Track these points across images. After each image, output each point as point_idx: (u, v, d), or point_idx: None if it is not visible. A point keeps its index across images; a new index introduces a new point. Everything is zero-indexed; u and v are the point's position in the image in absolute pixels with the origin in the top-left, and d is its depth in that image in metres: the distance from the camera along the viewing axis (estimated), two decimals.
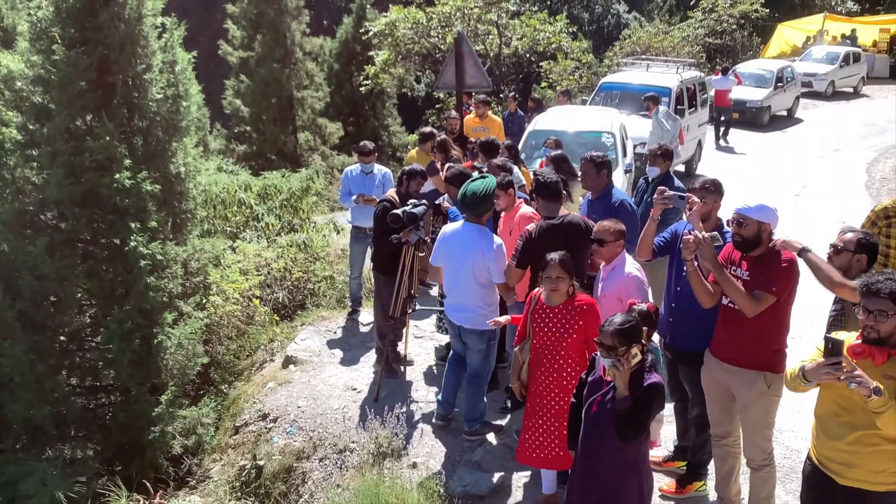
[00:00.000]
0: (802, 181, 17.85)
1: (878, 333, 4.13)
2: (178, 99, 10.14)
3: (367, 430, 7.37)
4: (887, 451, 4.22)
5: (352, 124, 31.01)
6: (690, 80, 17.99)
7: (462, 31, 17.16)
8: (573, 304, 5.81)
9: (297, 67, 27.51)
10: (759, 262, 5.33)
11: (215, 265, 10.85)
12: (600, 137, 12.93)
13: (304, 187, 13.84)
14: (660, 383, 4.75)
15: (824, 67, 29.83)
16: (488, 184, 6.88)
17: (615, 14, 55.45)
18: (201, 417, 9.10)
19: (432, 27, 24.33)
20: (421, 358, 9.10)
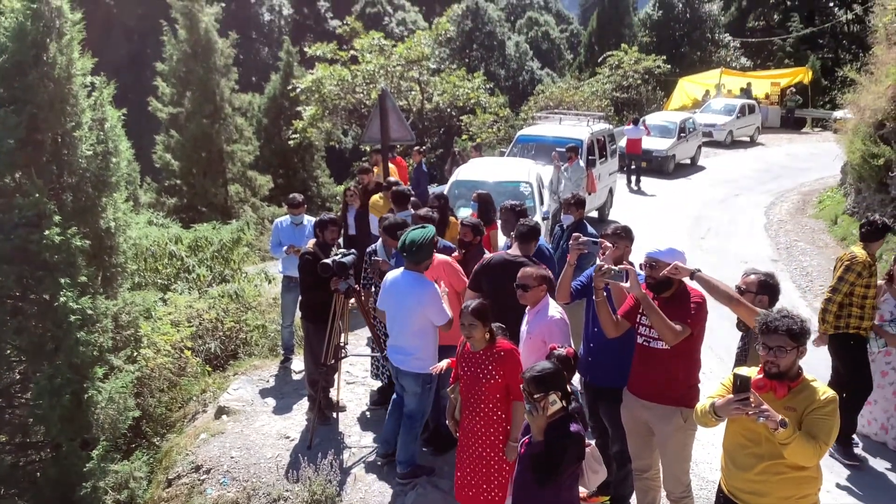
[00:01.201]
0: (707, 224, 18.30)
1: (778, 368, 4.23)
2: (108, 155, 9.93)
3: (300, 478, 7.20)
4: (793, 478, 4.29)
5: (281, 176, 30.88)
6: (600, 132, 18.32)
7: (386, 87, 17.28)
8: (492, 350, 5.77)
9: (227, 122, 27.31)
10: (670, 301, 5.44)
11: (146, 318, 10.55)
12: (518, 187, 13.10)
13: (234, 238, 13.62)
14: (578, 433, 4.67)
15: (723, 118, 30.77)
16: (427, 233, 6.85)
17: (529, 70, 56.61)
18: (133, 471, 8.76)
19: (357, 84, 24.51)
20: (354, 403, 8.96)
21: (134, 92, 29.69)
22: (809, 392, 4.23)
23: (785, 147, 30.66)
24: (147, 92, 28.93)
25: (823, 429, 4.12)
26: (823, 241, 16.95)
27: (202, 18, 26.61)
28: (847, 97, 19.68)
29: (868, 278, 7.30)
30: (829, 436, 4.14)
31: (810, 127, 36.33)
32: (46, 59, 9.31)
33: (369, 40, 25.79)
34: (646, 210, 19.55)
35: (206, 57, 26.56)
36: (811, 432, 4.10)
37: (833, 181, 21.49)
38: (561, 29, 71.43)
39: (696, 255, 15.02)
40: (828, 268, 14.80)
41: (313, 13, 65.60)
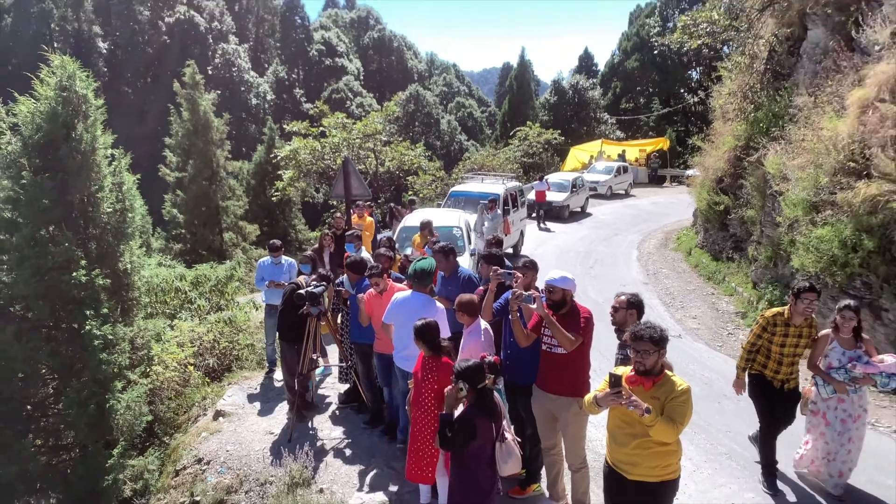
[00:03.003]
0: (594, 257, 18.53)
1: (644, 366, 4.33)
2: (125, 211, 9.72)
3: (282, 465, 7.03)
4: (659, 451, 4.36)
5: (266, 225, 30.48)
6: (513, 188, 18.55)
7: (348, 155, 17.24)
8: (434, 360, 5.74)
9: (222, 184, 26.96)
10: (566, 316, 5.52)
11: (157, 340, 10.25)
12: (452, 230, 13.17)
13: (228, 275, 13.35)
14: (467, 415, 4.71)
15: (604, 177, 31.43)
16: (431, 263, 6.90)
17: (458, 142, 57.29)
18: (147, 465, 8.44)
19: (325, 153, 24.37)
20: (324, 405, 8.79)
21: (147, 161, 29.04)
22: (670, 385, 4.31)
23: (651, 198, 31.37)
24: (157, 160, 28.44)
25: (679, 413, 4.21)
26: (681, 268, 17.32)
27: (202, 103, 26.32)
28: (695, 159, 20.34)
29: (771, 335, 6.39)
30: (684, 419, 4.22)
31: (669, 182, 37.26)
32: (74, 136, 9.13)
33: (335, 119, 25.76)
34: (548, 247, 19.74)
35: (205, 132, 26.26)
36: (671, 416, 4.20)
37: (687, 223, 22.06)
38: (482, 110, 72.51)
39: (586, 280, 15.22)
40: (685, 288, 15.20)
41: (291, 98, 65.40)
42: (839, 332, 6.31)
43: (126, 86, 54.10)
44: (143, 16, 58.79)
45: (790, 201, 10.98)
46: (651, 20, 49.68)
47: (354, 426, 8.10)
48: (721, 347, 11.25)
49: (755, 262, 13.72)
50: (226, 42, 62.25)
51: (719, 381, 9.59)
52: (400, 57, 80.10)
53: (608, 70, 52.82)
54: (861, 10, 10.88)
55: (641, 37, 48.92)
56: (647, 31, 48.54)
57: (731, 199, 15.66)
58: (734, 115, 16.13)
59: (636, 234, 22.09)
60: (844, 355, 6.29)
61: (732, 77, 17.30)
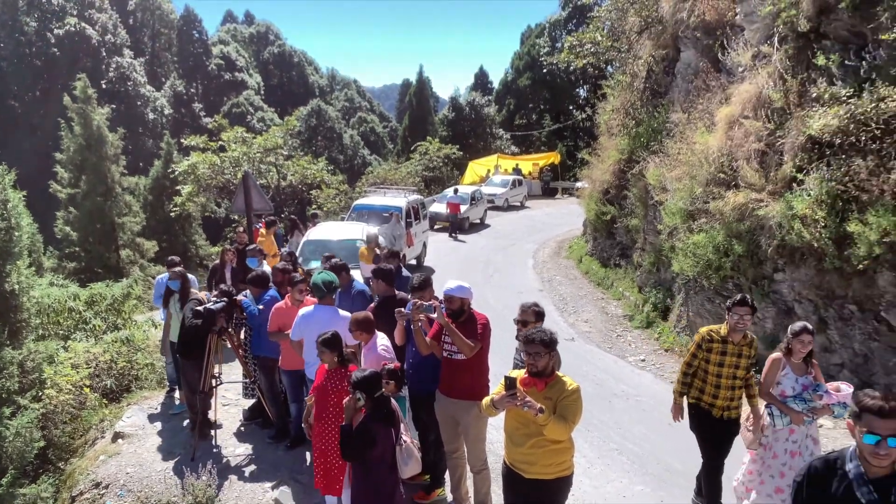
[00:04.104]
0: (493, 265, 18.85)
1: (536, 368, 4.40)
2: (10, 230, 9.09)
3: (185, 485, 6.73)
4: (554, 449, 4.45)
5: (165, 241, 29.18)
6: (415, 200, 18.58)
7: (248, 170, 16.81)
8: (340, 370, 5.67)
9: (117, 200, 25.66)
10: (464, 324, 5.60)
11: (49, 363, 9.60)
12: (355, 243, 13.05)
13: (125, 293, 12.67)
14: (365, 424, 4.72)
15: (500, 189, 31.90)
16: (333, 276, 6.84)
17: (361, 156, 57.10)
18: (40, 493, 7.88)
19: (225, 167, 23.66)
20: (228, 421, 8.44)
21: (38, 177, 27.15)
22: (560, 385, 4.41)
23: (544, 209, 32.18)
24: (49, 176, 26.63)
25: (571, 411, 4.31)
26: (573, 275, 17.90)
27: (94, 117, 24.97)
28: (584, 172, 21.15)
29: (707, 353, 5.71)
30: (575, 416, 4.33)
31: (561, 194, 38.34)
32: None
33: (234, 133, 25.05)
34: (450, 258, 19.91)
35: (98, 147, 24.91)
36: (563, 415, 4.29)
37: (578, 232, 22.74)
38: (383, 125, 72.63)
39: (486, 287, 15.49)
40: (577, 294, 15.76)
41: (189, 112, 62.96)
42: (791, 357, 5.54)
43: (13, 99, 50.37)
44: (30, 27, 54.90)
45: (669, 210, 11.59)
46: (541, 40, 51.35)
47: (259, 441, 7.87)
48: (611, 349, 11.73)
49: (640, 267, 14.42)
50: (120, 55, 59.16)
51: (610, 381, 10.00)
52: (301, 72, 78.91)
53: (502, 87, 54.09)
54: (726, 34, 11.73)
55: (532, 56, 50.43)
56: (537, 50, 50.09)
57: (616, 209, 16.31)
58: (618, 130, 16.88)
59: (531, 244, 22.57)
60: (798, 382, 5.55)
61: (615, 94, 18.12)
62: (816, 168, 8.53)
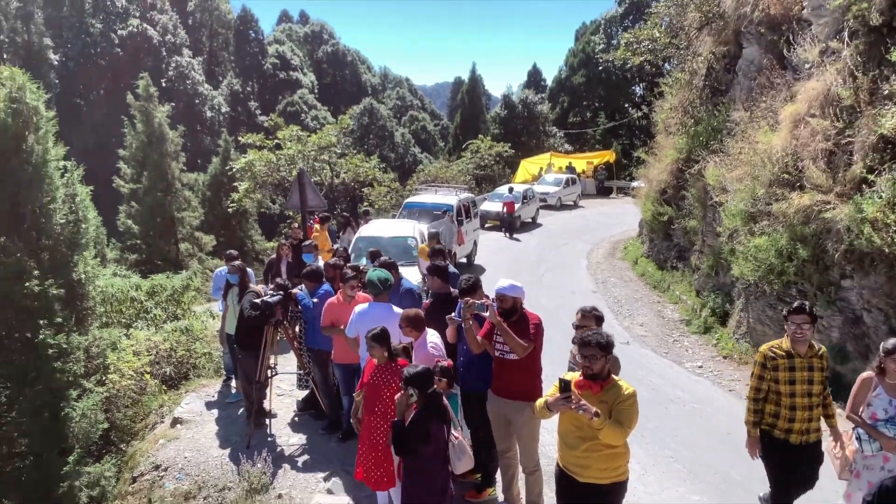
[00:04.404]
0: (545, 265, 18.78)
1: (592, 371, 4.34)
2: (78, 222, 9.55)
3: (241, 471, 6.96)
4: (608, 454, 4.40)
5: (222, 236, 30.04)
6: (466, 198, 18.72)
7: (303, 167, 17.17)
8: (390, 366, 5.74)
9: (177, 195, 26.58)
10: (516, 323, 5.59)
11: (113, 349, 10.04)
12: (406, 240, 13.23)
13: (185, 285, 13.15)
14: (420, 420, 4.78)
15: (553, 188, 31.71)
16: (388, 274, 6.89)
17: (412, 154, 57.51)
18: (104, 472, 8.27)
19: (281, 165, 24.18)
20: (283, 411, 8.70)
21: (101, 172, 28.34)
22: (616, 389, 4.35)
23: (598, 208, 31.84)
24: (112, 172, 27.78)
25: (626, 417, 4.26)
26: (628, 277, 17.69)
27: (156, 115, 25.93)
28: (640, 172, 20.82)
29: (774, 371, 5.20)
30: (632, 422, 4.28)
31: (616, 194, 37.87)
32: (25, 148, 8.93)
33: (290, 132, 25.62)
34: (500, 256, 19.89)
35: (159, 144, 25.87)
36: (618, 419, 4.24)
37: (633, 233, 22.42)
38: (434, 123, 72.96)
39: (538, 288, 15.45)
40: (632, 297, 15.56)
41: (246, 111, 64.61)
42: (885, 377, 5.02)
43: (78, 97, 52.64)
44: (96, 28, 57.32)
45: (729, 212, 11.33)
46: (596, 37, 50.79)
47: (313, 432, 8.07)
48: (667, 354, 11.55)
49: (698, 270, 14.14)
50: (179, 55, 61.17)
51: (666, 387, 9.86)
52: (354, 71, 79.99)
53: (556, 85, 53.70)
54: (792, 29, 11.40)
55: (587, 53, 49.94)
56: (592, 47, 49.58)
57: (674, 209, 16.06)
58: (675, 128, 16.59)
59: (585, 244, 22.37)
60: (892, 405, 4.98)
61: (673, 92, 17.82)
62: (889, 169, 8.22)
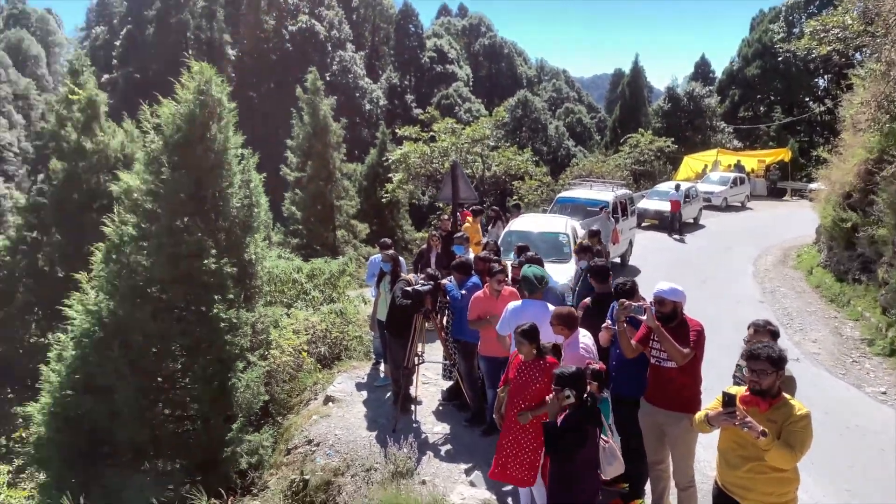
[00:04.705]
0: (707, 270, 17.79)
1: (760, 386, 4.10)
2: (252, 207, 10.35)
3: (387, 454, 7.26)
4: (774, 477, 4.14)
5: (375, 224, 31.45)
6: (622, 195, 18.15)
7: (456, 160, 17.54)
8: (539, 362, 5.72)
9: (337, 184, 28.11)
10: (676, 329, 5.36)
11: (275, 327, 10.84)
12: (557, 237, 13.06)
13: (341, 270, 13.92)
14: (578, 422, 4.68)
15: (718, 187, 30.04)
16: (544, 271, 6.90)
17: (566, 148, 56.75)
18: (262, 441, 8.97)
19: (434, 157, 24.86)
20: (428, 399, 8.96)
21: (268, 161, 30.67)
22: (788, 409, 4.09)
23: (769, 211, 29.74)
24: (277, 161, 29.93)
25: (798, 439, 3.98)
26: (801, 288, 16.35)
27: (321, 107, 27.58)
28: (820, 172, 19.19)
29: None
30: (803, 445, 3.99)
31: (790, 196, 35.18)
32: (209, 136, 9.80)
33: (444, 125, 26.24)
34: (658, 258, 19.11)
35: (323, 136, 27.50)
36: (788, 441, 3.98)
37: (808, 240, 20.71)
38: (591, 116, 71.56)
39: (698, 293, 14.62)
40: (805, 310, 14.34)
41: (402, 104, 67.09)
42: None
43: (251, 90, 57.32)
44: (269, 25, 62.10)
45: None
46: (775, 26, 47.20)
47: (456, 423, 8.24)
48: (844, 375, 10.54)
49: (886, 285, 12.74)
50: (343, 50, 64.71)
51: (842, 412, 8.99)
52: (510, 63, 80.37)
53: (726, 77, 50.61)
54: None
55: (764, 43, 46.57)
56: (770, 36, 46.15)
57: (859, 216, 14.64)
58: (867, 125, 15.08)
59: (752, 249, 21.01)
60: None
61: (866, 86, 16.19)
62: None
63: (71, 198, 17.57)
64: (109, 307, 9.01)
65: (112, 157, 17.96)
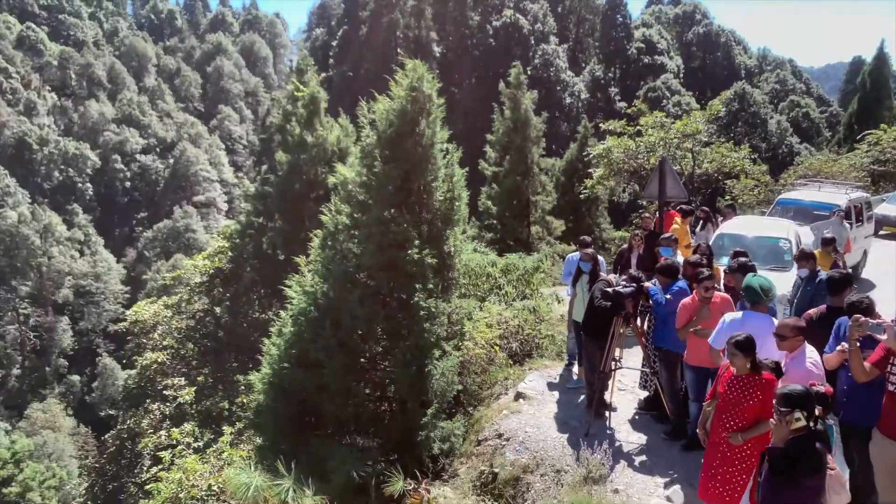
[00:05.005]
0: None
1: None
2: (454, 200, 10.72)
3: (579, 457, 7.21)
4: None
5: (571, 221, 31.26)
6: (857, 199, 16.29)
7: (665, 155, 16.84)
8: (754, 378, 5.38)
9: (534, 179, 28.27)
10: None
11: (469, 319, 11.16)
12: (777, 242, 12.01)
13: (535, 267, 13.97)
14: (818, 451, 4.29)
15: None
16: (770, 281, 6.48)
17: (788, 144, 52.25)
18: (454, 429, 9.27)
19: (639, 152, 24.05)
20: (623, 407, 8.76)
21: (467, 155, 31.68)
22: None
23: None
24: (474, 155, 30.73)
25: None
26: None
27: (523, 101, 27.86)
28: None
29: None
30: None
31: None
32: (418, 131, 10.30)
33: (652, 118, 25.31)
34: None
35: (523, 130, 27.77)
36: None
37: None
38: (821, 110, 64.96)
39: None
40: None
41: (605, 97, 65.73)
42: None
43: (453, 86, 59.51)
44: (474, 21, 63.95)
45: None
46: None
47: (653, 434, 7.98)
48: None
49: None
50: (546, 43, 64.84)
51: None
52: (726, 53, 75.43)
53: None
54: None
55: None
56: None
57: None
58: None
59: None
60: None
61: None
62: None
63: (293, 187, 19.50)
64: (323, 289, 9.86)
65: (329, 151, 19.63)
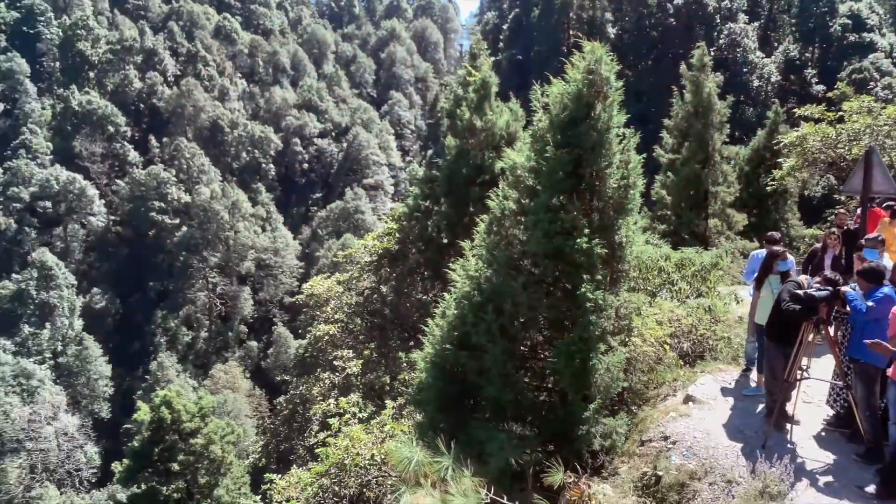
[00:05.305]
0: None
1: None
2: (628, 188, 10.42)
3: (755, 469, 6.80)
4: None
5: (755, 216, 29.31)
6: None
7: (873, 144, 15.22)
8: None
9: (714, 168, 26.72)
10: None
11: (637, 314, 10.85)
12: None
13: (713, 263, 13.29)
14: None
15: None
16: None
17: None
18: (616, 427, 9.11)
19: (840, 141, 21.86)
20: (807, 420, 8.13)
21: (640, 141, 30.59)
22: None
23: None
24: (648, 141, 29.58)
25: None
26: None
27: (706, 84, 26.39)
28: None
29: None
30: None
31: None
32: (593, 115, 10.10)
33: (858, 102, 22.86)
34: None
35: (705, 115, 26.31)
36: None
37: None
38: None
39: None
40: None
41: (799, 79, 60.58)
42: None
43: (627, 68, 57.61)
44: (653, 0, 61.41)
45: None
46: None
47: (843, 455, 7.35)
48: None
49: None
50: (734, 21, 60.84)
51: None
52: None
53: None
54: None
55: None
56: None
57: None
58: None
59: None
60: None
61: None
62: None
63: (460, 172, 19.91)
64: (486, 275, 10.03)
65: (497, 135, 19.79)
